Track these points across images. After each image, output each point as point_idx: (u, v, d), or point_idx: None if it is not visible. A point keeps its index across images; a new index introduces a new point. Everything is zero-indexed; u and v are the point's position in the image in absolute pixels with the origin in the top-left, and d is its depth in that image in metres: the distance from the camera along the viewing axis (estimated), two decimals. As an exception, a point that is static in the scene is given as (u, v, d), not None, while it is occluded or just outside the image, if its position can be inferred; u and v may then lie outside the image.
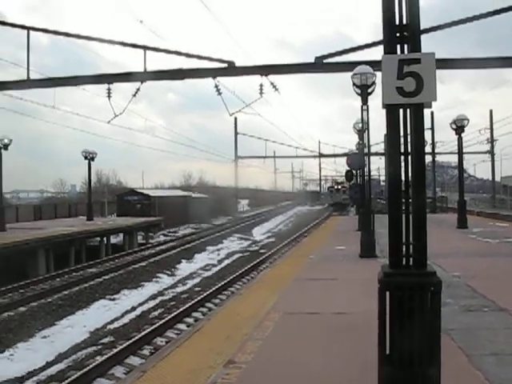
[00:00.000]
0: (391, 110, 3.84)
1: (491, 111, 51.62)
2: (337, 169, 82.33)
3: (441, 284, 3.76)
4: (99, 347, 12.01)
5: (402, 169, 3.91)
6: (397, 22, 3.84)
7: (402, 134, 3.88)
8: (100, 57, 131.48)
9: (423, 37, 4.02)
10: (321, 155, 64.63)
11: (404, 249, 3.85)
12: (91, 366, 9.98)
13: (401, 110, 3.85)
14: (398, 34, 3.84)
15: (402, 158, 3.91)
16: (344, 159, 28.55)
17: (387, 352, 3.80)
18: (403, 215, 3.85)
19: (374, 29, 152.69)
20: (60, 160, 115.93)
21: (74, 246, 25.62)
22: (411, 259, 3.84)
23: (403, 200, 3.90)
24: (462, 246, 16.51)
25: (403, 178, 3.90)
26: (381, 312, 3.79)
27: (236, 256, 28.90)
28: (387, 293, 3.76)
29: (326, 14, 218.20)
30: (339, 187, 73.57)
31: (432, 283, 3.74)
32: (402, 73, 3.69)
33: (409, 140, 3.87)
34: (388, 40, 3.87)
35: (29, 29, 17.88)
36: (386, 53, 3.86)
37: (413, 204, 3.84)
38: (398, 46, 3.86)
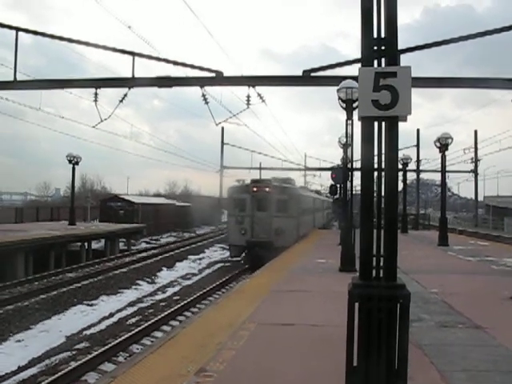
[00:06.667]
0: (366, 122, 3.86)
1: (476, 131, 52.44)
2: (321, 182, 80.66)
3: (409, 297, 3.77)
4: (74, 353, 11.89)
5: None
6: (375, 36, 3.86)
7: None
8: (86, 58, 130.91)
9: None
10: (306, 168, 64.48)
11: (375, 261, 3.85)
12: (64, 371, 9.88)
13: (376, 124, 3.87)
14: (375, 48, 3.87)
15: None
16: (329, 173, 28.30)
17: (354, 364, 3.79)
18: (375, 228, 3.87)
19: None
20: (45, 162, 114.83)
21: (55, 250, 25.35)
22: (381, 272, 3.85)
23: (376, 213, 3.92)
24: (442, 263, 16.60)
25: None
26: (349, 323, 3.79)
27: (217, 266, 28.82)
28: (356, 304, 3.76)
29: (314, 26, 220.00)
30: (266, 189, 27.82)
31: (401, 296, 3.75)
32: (378, 85, 3.71)
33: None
34: (365, 53, 3.90)
35: (17, 29, 17.48)
36: (363, 65, 3.88)
37: (385, 217, 3.85)
38: (376, 60, 3.89)
